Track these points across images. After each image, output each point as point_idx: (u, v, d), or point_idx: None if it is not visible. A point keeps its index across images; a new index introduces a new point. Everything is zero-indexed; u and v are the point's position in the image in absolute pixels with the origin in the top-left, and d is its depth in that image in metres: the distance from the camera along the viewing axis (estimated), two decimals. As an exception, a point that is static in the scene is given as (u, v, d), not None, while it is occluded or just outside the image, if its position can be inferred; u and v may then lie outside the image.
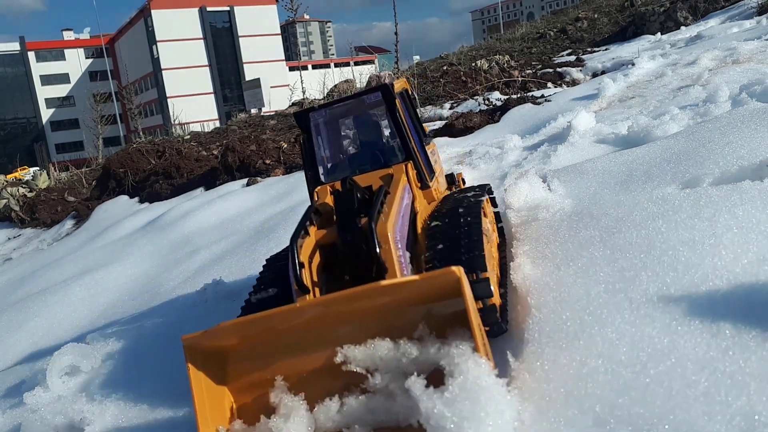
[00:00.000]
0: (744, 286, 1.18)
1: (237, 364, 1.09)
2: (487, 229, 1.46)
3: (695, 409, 0.90)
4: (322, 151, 1.67)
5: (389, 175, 1.48)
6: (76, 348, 1.81)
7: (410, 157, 1.54)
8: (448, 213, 1.43)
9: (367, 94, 1.58)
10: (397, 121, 1.54)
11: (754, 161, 1.77)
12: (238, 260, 2.94)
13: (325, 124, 1.68)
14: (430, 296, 1.02)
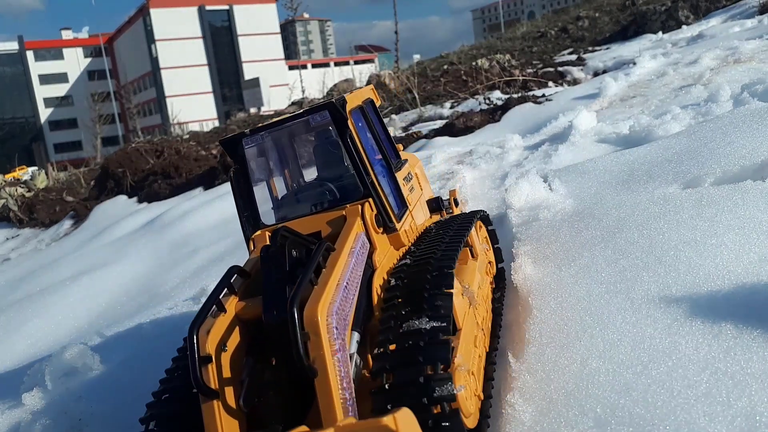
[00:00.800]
0: (745, 286, 1.17)
1: None
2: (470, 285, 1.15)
3: (696, 410, 0.90)
4: (267, 181, 1.28)
5: (341, 217, 1.10)
6: (74, 349, 1.79)
7: (369, 193, 1.15)
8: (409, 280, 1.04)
9: (312, 114, 1.19)
10: (350, 148, 1.16)
11: (755, 161, 1.76)
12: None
13: (265, 150, 1.28)
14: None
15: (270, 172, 1.31)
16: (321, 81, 11.67)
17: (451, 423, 0.85)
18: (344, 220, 1.10)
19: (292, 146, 1.35)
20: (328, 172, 1.30)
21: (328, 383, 0.84)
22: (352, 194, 1.19)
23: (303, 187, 1.34)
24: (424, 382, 0.86)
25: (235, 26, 32.77)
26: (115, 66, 35.48)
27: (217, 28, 32.93)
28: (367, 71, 12.03)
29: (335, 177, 1.26)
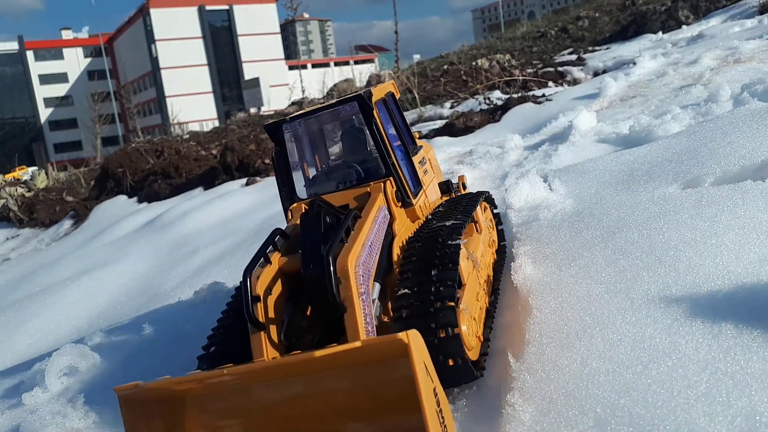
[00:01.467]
0: (745, 286, 1.17)
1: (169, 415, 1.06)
2: (474, 252, 1.35)
3: (696, 410, 0.90)
4: (301, 163, 1.51)
5: (366, 193, 1.33)
6: (74, 348, 1.79)
7: (390, 173, 1.37)
8: (423, 246, 1.25)
9: (343, 104, 1.42)
10: (375, 135, 1.37)
11: (755, 161, 1.76)
12: (238, 260, 2.93)
13: (303, 134, 1.53)
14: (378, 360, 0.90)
15: (303, 153, 1.54)
16: (321, 81, 11.67)
17: (453, 344, 1.05)
18: (369, 195, 1.32)
19: (322, 132, 1.59)
20: (354, 155, 1.52)
21: (354, 318, 1.04)
22: (375, 174, 1.41)
23: (332, 168, 1.56)
24: (433, 312, 1.08)
25: (235, 26, 32.76)
26: (115, 66, 35.47)
27: (217, 28, 32.92)
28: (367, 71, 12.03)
29: (360, 159, 1.48)
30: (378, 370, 0.92)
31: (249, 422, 1.04)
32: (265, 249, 1.18)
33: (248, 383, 1.02)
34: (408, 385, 0.83)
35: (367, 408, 0.96)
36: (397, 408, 0.92)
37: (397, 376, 0.88)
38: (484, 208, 1.62)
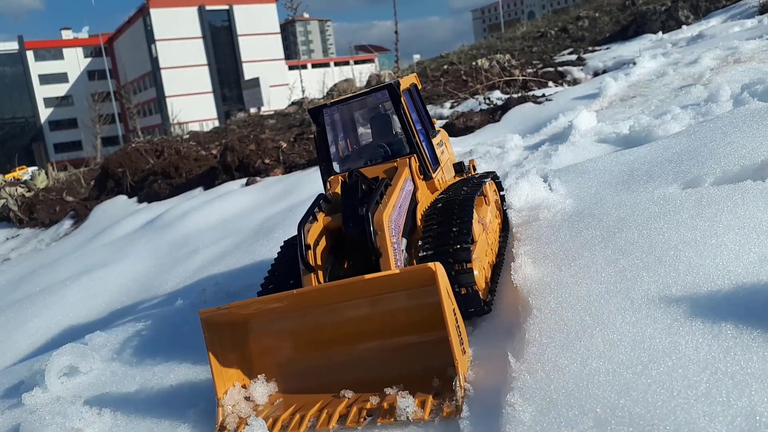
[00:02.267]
0: (746, 286, 1.17)
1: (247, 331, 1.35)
2: (482, 219, 1.64)
3: (696, 410, 0.90)
4: (335, 143, 1.80)
5: (394, 167, 1.60)
6: (74, 348, 1.80)
7: (414, 151, 1.65)
8: (443, 206, 1.54)
9: (375, 92, 1.70)
10: (402, 119, 1.65)
11: (755, 161, 1.76)
12: (238, 260, 2.93)
13: (338, 119, 1.82)
14: (411, 285, 1.22)
15: (338, 134, 1.83)
16: (321, 81, 11.67)
17: (467, 277, 1.33)
18: (396, 169, 1.59)
19: (353, 118, 1.89)
20: (382, 137, 1.81)
21: (388, 261, 1.32)
22: (400, 152, 1.70)
23: (363, 147, 1.86)
24: (451, 251, 1.36)
25: (235, 26, 32.75)
26: (115, 66, 35.46)
27: (217, 28, 32.91)
28: (367, 71, 12.03)
29: (387, 141, 1.77)
30: (411, 295, 1.23)
31: (302, 339, 1.33)
32: (313, 209, 1.44)
33: (303, 305, 1.28)
34: (435, 307, 1.12)
35: (402, 325, 1.25)
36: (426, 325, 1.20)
37: (426, 300, 1.18)
38: (490, 183, 1.92)
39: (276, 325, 1.34)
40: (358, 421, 1.12)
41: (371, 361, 1.26)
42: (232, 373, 1.31)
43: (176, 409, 1.45)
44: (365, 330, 1.28)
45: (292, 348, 1.34)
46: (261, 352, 1.34)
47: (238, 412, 1.25)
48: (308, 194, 3.98)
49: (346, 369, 1.27)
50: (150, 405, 1.50)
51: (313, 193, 3.92)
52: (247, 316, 1.32)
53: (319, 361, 1.31)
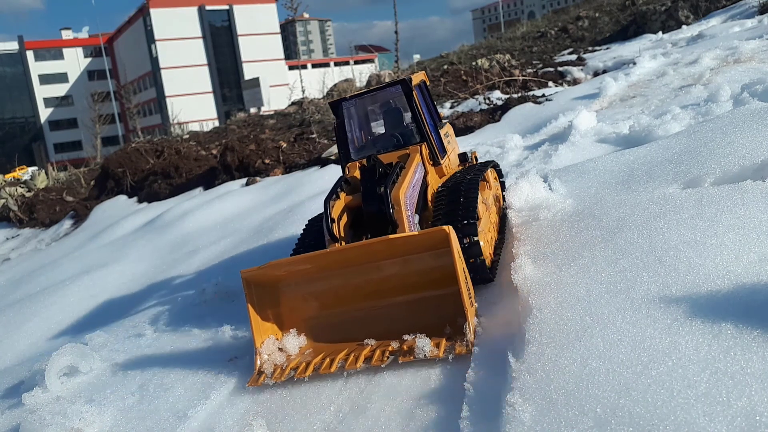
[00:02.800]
0: (746, 286, 1.17)
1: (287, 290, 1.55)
2: (486, 200, 1.86)
3: (696, 410, 0.90)
4: (353, 133, 2.00)
5: (407, 154, 1.80)
6: (74, 348, 1.79)
7: (424, 139, 1.87)
8: (451, 187, 1.76)
9: (389, 87, 1.94)
10: (414, 111, 1.88)
11: (755, 161, 1.76)
12: (238, 259, 2.92)
13: (355, 111, 2.03)
14: (427, 247, 1.41)
15: (354, 125, 2.03)
16: (321, 81, 11.67)
17: (474, 248, 1.53)
18: (409, 156, 1.79)
19: (367, 110, 2.09)
20: (394, 128, 2.02)
21: (404, 231, 1.49)
22: (411, 141, 1.91)
23: (377, 137, 2.06)
24: (460, 226, 1.56)
25: (235, 26, 32.74)
26: (115, 66, 35.45)
27: (217, 28, 32.89)
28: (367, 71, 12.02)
29: (399, 131, 1.98)
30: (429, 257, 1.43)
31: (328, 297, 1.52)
32: (336, 189, 1.63)
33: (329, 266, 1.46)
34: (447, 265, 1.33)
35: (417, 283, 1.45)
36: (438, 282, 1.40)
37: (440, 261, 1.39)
38: (491, 171, 2.13)
39: (305, 285, 1.54)
40: (382, 360, 1.32)
41: (390, 314, 1.45)
42: (268, 326, 1.49)
43: (179, 408, 1.46)
44: (385, 287, 1.48)
45: (320, 305, 1.53)
46: (291, 309, 1.54)
47: (273, 360, 1.44)
48: (308, 194, 3.98)
49: (368, 322, 1.46)
50: (151, 404, 1.50)
51: (313, 193, 3.93)
52: (279, 276, 1.51)
53: (344, 316, 1.50)
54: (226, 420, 1.38)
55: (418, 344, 1.31)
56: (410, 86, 1.86)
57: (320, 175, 4.48)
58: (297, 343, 1.49)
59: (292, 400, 1.38)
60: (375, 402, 1.28)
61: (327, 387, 1.38)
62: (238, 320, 1.94)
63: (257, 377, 1.40)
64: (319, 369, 1.35)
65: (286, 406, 1.36)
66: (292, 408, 1.35)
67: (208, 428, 1.36)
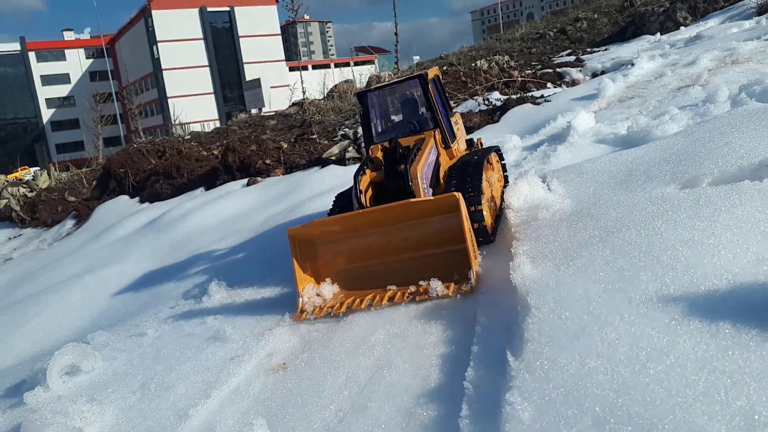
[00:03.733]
0: (743, 285, 1.18)
1: (322, 247, 1.94)
2: (489, 178, 2.22)
3: (695, 409, 0.90)
4: (375, 120, 2.36)
5: (422, 138, 2.17)
6: (76, 348, 1.80)
7: (437, 126, 2.23)
8: (460, 166, 2.14)
9: (408, 80, 2.30)
10: (429, 101, 2.24)
11: (753, 161, 1.77)
12: (239, 260, 2.93)
13: (377, 100, 2.40)
14: (441, 210, 1.77)
15: (376, 113, 2.39)
16: (321, 82, 11.69)
17: (478, 215, 1.93)
18: (424, 139, 2.14)
19: (387, 100, 2.46)
20: (410, 116, 2.40)
21: (418, 191, 1.87)
22: (426, 126, 2.27)
23: (396, 123, 2.44)
24: (467, 198, 1.90)
25: (236, 27, 32.81)
26: (116, 67, 35.54)
27: (218, 29, 32.98)
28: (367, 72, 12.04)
29: (415, 118, 2.36)
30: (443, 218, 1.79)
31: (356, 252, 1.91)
32: (363, 166, 2.02)
33: (356, 227, 1.85)
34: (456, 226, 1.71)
35: (435, 239, 1.82)
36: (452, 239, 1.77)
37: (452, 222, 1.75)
38: (494, 155, 2.47)
39: (338, 243, 1.92)
40: (402, 299, 1.69)
41: (408, 266, 1.82)
42: (307, 276, 1.89)
43: (180, 408, 1.46)
44: (404, 245, 1.86)
45: (350, 259, 1.92)
46: (326, 263, 1.93)
47: (312, 302, 1.82)
48: (308, 194, 3.99)
49: (390, 273, 1.83)
50: (151, 404, 1.50)
51: (313, 194, 3.94)
52: (315, 235, 1.90)
53: (370, 268, 1.89)
54: (227, 419, 1.38)
55: (432, 286, 1.66)
56: (426, 80, 2.22)
57: (321, 176, 4.50)
58: (331, 290, 1.86)
59: (292, 399, 1.40)
60: (375, 401, 1.30)
61: (327, 386, 1.40)
62: (238, 321, 1.94)
63: (300, 314, 1.79)
64: (351, 306, 1.70)
65: (287, 406, 1.37)
66: (293, 407, 1.36)
67: (209, 427, 1.37)
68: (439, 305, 1.63)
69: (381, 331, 1.59)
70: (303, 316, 1.77)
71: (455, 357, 1.36)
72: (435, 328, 1.53)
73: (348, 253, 1.92)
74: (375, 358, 1.47)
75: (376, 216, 1.78)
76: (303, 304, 1.81)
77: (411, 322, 1.60)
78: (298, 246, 1.86)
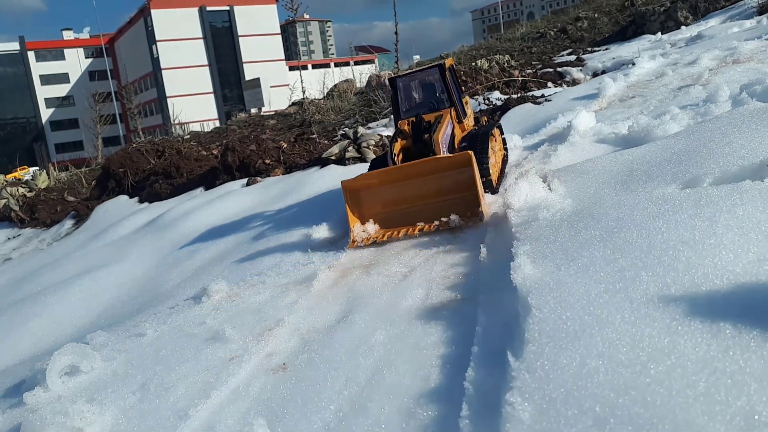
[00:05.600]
0: (744, 285, 1.18)
1: (365, 195, 2.56)
2: (492, 147, 2.86)
3: (695, 409, 0.90)
4: (401, 100, 3.00)
5: (440, 114, 2.76)
6: (75, 348, 1.80)
7: (452, 105, 2.87)
8: (471, 136, 2.84)
9: (429, 68, 2.93)
10: (446, 84, 2.88)
11: (754, 161, 1.77)
12: (238, 260, 2.93)
13: (404, 84, 3.03)
14: (458, 165, 2.35)
15: (403, 94, 3.04)
16: (321, 81, 11.68)
17: (486, 170, 2.62)
18: (442, 116, 2.75)
19: (410, 85, 3.08)
20: (430, 97, 3.03)
21: (439, 154, 2.54)
22: (442, 105, 2.92)
23: (419, 103, 3.05)
24: (478, 156, 2.52)
25: (236, 27, 32.78)
26: (116, 66, 35.48)
27: (218, 28, 32.95)
28: (367, 71, 12.04)
29: (434, 99, 3.00)
30: (459, 172, 2.38)
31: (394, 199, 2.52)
32: (396, 136, 2.64)
33: (393, 179, 2.48)
34: (469, 177, 2.33)
35: (453, 188, 2.42)
36: (466, 188, 2.36)
37: (466, 175, 2.34)
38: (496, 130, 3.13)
39: (378, 192, 2.53)
40: (429, 228, 2.30)
41: (433, 208, 2.41)
42: (355, 217, 2.49)
43: (177, 408, 1.46)
44: (428, 192, 2.46)
45: (386, 204, 2.53)
46: (369, 207, 2.53)
47: (361, 236, 2.42)
48: (308, 194, 3.99)
49: (417, 214, 2.43)
50: (151, 404, 1.50)
51: (313, 193, 3.95)
52: (362, 185, 2.49)
53: (403, 211, 2.50)
54: (227, 419, 1.38)
55: (452, 218, 2.27)
56: (444, 68, 2.87)
57: (320, 175, 4.50)
58: (374, 228, 2.48)
59: (292, 399, 1.40)
60: (375, 401, 1.29)
61: (327, 386, 1.40)
62: (238, 321, 1.94)
63: (352, 243, 2.40)
64: (391, 236, 2.32)
65: (287, 406, 1.37)
66: (293, 407, 1.36)
67: (208, 427, 1.37)
68: (439, 305, 1.65)
69: (381, 332, 1.60)
70: (355, 245, 2.38)
71: (455, 357, 1.36)
72: (435, 329, 1.54)
73: (386, 200, 2.53)
74: (375, 358, 1.48)
75: (409, 170, 2.39)
76: (354, 237, 2.41)
77: (411, 323, 1.61)
78: (349, 194, 2.46)
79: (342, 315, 1.78)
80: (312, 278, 2.16)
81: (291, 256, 2.56)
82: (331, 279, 2.12)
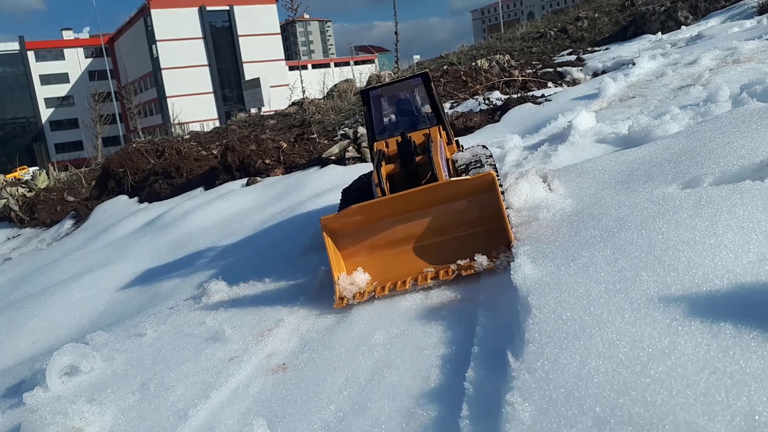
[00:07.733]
0: (745, 285, 1.18)
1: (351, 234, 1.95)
2: None
3: (695, 409, 0.90)
4: (375, 117, 2.47)
5: (428, 133, 2.25)
6: (75, 348, 1.80)
7: (441, 122, 2.37)
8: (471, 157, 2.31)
9: (412, 78, 2.41)
10: (433, 97, 2.38)
11: (754, 161, 1.77)
12: (239, 259, 2.93)
13: (380, 98, 2.51)
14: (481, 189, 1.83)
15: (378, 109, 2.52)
16: (321, 81, 11.67)
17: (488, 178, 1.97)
18: (429, 135, 2.22)
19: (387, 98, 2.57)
20: (410, 114, 2.53)
21: (441, 178, 2.00)
22: (423, 124, 2.40)
23: (395, 121, 2.53)
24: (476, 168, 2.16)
25: (236, 27, 32.77)
26: (116, 66, 35.50)
27: (218, 28, 32.94)
28: (367, 71, 12.03)
29: (412, 116, 2.52)
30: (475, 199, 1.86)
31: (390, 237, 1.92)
32: (380, 159, 2.11)
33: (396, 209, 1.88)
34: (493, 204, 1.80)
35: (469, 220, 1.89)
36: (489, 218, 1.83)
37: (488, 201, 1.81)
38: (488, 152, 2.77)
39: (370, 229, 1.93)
40: (447, 274, 1.74)
41: (443, 247, 1.86)
42: (341, 264, 1.92)
43: (177, 409, 1.46)
44: (439, 226, 1.89)
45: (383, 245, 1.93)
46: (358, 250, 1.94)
47: (350, 291, 1.83)
48: (308, 194, 3.99)
49: (425, 254, 1.87)
50: (151, 404, 1.50)
51: (313, 193, 3.94)
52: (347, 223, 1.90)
53: (403, 251, 1.91)
54: (227, 419, 1.38)
55: (477, 260, 1.74)
56: (429, 78, 2.34)
57: (320, 175, 4.50)
58: (365, 279, 1.88)
59: (292, 399, 1.40)
60: (375, 401, 1.29)
61: (327, 387, 1.40)
62: (237, 321, 1.94)
63: (340, 301, 1.80)
64: (394, 289, 1.75)
65: (286, 406, 1.37)
66: (292, 407, 1.36)
67: (208, 427, 1.37)
68: (439, 305, 1.65)
69: (381, 332, 1.60)
70: (344, 303, 1.79)
71: (455, 357, 1.36)
72: (435, 329, 1.54)
73: (380, 239, 1.92)
74: (375, 358, 1.48)
75: (417, 198, 1.80)
76: (341, 292, 1.82)
77: (411, 323, 1.61)
78: (331, 236, 1.88)
79: (342, 315, 1.79)
80: (312, 278, 2.17)
81: (291, 256, 2.58)
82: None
